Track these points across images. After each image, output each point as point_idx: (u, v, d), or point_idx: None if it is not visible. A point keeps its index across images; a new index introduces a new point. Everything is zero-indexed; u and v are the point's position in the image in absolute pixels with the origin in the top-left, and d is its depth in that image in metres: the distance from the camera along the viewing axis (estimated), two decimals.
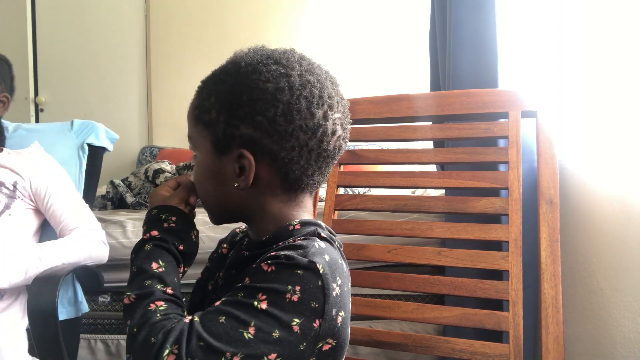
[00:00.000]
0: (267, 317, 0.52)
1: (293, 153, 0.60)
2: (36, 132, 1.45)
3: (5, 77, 1.26)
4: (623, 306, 1.03)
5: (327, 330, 0.55)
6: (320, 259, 0.55)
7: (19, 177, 1.19)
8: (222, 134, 0.60)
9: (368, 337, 1.07)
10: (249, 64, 0.61)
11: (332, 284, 0.55)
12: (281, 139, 0.59)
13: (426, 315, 1.04)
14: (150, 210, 0.67)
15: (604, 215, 1.10)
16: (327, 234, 0.64)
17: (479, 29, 1.34)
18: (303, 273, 0.54)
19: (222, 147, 0.61)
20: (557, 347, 0.93)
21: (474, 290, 1.02)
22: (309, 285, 0.53)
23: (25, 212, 1.19)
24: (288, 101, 0.58)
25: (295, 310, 0.53)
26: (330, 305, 0.55)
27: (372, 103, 1.20)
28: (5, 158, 1.21)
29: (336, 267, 0.58)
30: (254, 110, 0.58)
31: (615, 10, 1.10)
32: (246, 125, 0.59)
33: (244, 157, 0.60)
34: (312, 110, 0.60)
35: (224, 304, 0.54)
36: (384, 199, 1.15)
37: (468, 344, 0.99)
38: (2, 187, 1.16)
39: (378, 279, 1.10)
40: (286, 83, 0.59)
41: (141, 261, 0.60)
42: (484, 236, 1.04)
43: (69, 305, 1.24)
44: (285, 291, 0.53)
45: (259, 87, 0.59)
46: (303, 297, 0.53)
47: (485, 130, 1.10)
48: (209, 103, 0.62)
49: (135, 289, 0.58)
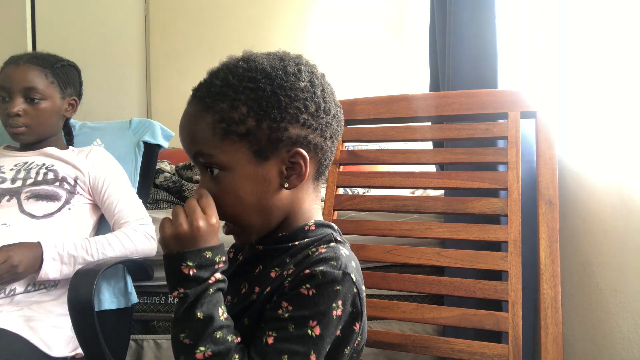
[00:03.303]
0: (322, 340, 0.56)
1: (329, 142, 0.64)
2: (98, 130, 1.54)
3: (75, 82, 1.37)
4: (622, 306, 1.03)
5: (361, 329, 0.61)
6: (351, 268, 0.59)
7: (80, 173, 1.27)
8: (267, 140, 0.60)
9: (367, 337, 1.06)
10: (275, 67, 0.61)
11: (363, 287, 0.60)
12: (323, 131, 0.63)
13: (425, 316, 1.04)
14: (200, 250, 0.58)
15: (604, 216, 1.10)
16: (339, 235, 0.67)
17: (479, 29, 1.34)
18: (341, 287, 0.57)
19: (268, 153, 0.60)
20: (556, 348, 0.93)
21: (473, 290, 1.02)
22: (348, 296, 0.57)
23: (83, 207, 1.26)
24: (321, 94, 0.63)
25: (341, 320, 0.57)
26: (364, 307, 0.60)
27: (371, 103, 1.20)
28: (69, 155, 1.31)
29: (360, 270, 0.62)
30: (298, 110, 0.60)
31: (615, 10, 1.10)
32: (294, 125, 0.60)
33: (298, 154, 0.61)
34: (334, 99, 0.66)
35: (280, 342, 0.55)
36: (383, 199, 1.15)
37: (467, 345, 0.99)
38: (65, 182, 1.24)
39: (377, 279, 1.09)
40: (314, 78, 0.63)
41: (209, 308, 0.56)
42: (484, 237, 1.04)
43: (120, 296, 1.30)
44: (331, 309, 0.56)
45: (295, 86, 0.60)
46: (345, 308, 0.57)
47: (484, 131, 1.10)
48: (238, 114, 0.59)
49: (209, 343, 0.55)
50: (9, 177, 1.21)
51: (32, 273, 1.08)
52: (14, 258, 1.03)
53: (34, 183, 1.20)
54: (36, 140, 1.29)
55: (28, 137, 1.27)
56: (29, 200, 1.17)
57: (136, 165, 1.47)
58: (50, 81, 1.27)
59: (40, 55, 1.32)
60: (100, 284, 1.28)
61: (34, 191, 1.18)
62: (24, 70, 1.24)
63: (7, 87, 1.22)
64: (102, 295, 1.26)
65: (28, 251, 1.06)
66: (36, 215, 1.16)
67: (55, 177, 1.23)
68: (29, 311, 1.07)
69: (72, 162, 1.28)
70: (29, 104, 1.24)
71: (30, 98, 1.23)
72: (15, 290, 1.09)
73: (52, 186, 1.20)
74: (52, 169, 1.25)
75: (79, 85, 1.40)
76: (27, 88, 1.23)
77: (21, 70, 1.24)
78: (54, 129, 1.33)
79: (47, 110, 1.27)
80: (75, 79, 1.38)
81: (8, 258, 1.02)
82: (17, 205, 1.16)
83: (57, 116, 1.31)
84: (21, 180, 1.20)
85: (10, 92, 1.22)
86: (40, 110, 1.25)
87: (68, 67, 1.35)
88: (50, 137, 1.33)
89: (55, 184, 1.22)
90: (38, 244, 1.08)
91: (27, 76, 1.23)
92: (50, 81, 1.27)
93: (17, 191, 1.18)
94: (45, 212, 1.17)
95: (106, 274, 1.27)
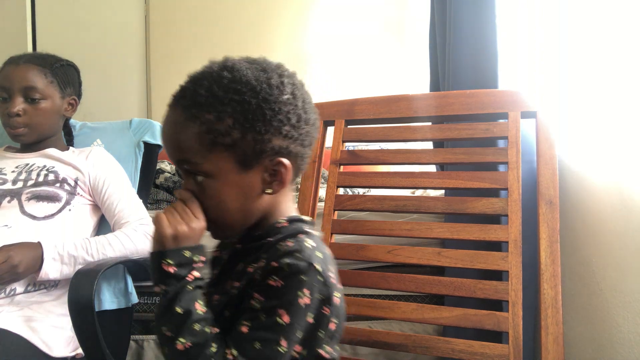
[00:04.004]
0: (291, 327, 0.60)
1: (307, 149, 0.68)
2: (98, 130, 1.54)
3: (75, 82, 1.37)
4: (623, 306, 1.03)
5: (332, 313, 0.64)
6: (316, 259, 0.62)
7: (80, 173, 1.27)
8: (252, 150, 0.63)
9: (368, 337, 1.07)
10: (259, 80, 0.63)
11: (329, 274, 0.64)
12: (303, 140, 0.66)
13: (426, 316, 1.04)
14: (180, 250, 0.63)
15: (604, 216, 1.10)
16: (310, 227, 0.70)
17: (479, 29, 1.34)
18: (306, 277, 0.61)
19: (252, 162, 0.64)
20: (557, 348, 0.93)
21: (474, 290, 1.02)
22: (314, 285, 0.61)
23: (84, 207, 1.26)
24: (302, 105, 0.66)
25: (309, 308, 0.61)
26: (331, 292, 0.63)
27: (372, 103, 1.20)
28: (70, 156, 1.31)
29: (328, 259, 0.66)
30: (281, 122, 0.63)
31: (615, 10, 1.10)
32: (277, 137, 0.64)
33: (281, 164, 0.64)
34: (313, 107, 0.68)
35: (253, 330, 0.60)
36: (383, 199, 1.15)
37: (468, 345, 0.99)
38: (65, 183, 1.24)
39: (378, 279, 1.09)
40: (296, 90, 0.66)
41: (187, 303, 0.61)
42: (484, 237, 1.04)
43: (120, 296, 1.30)
44: (297, 298, 0.60)
45: (279, 100, 0.63)
46: (313, 297, 0.61)
47: (485, 131, 1.10)
48: (224, 126, 0.61)
49: (188, 335, 0.60)
50: (10, 178, 1.21)
51: (33, 273, 1.08)
52: (14, 258, 1.03)
53: (34, 184, 1.20)
54: (36, 140, 1.29)
55: (28, 137, 1.27)
56: (29, 201, 1.17)
57: (136, 165, 1.47)
58: (49, 81, 1.27)
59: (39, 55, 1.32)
60: (101, 284, 1.28)
61: (34, 192, 1.18)
62: (23, 69, 1.24)
63: (7, 86, 1.23)
64: (103, 296, 1.26)
65: (28, 251, 1.06)
66: (37, 217, 1.16)
67: (56, 178, 1.23)
68: (29, 311, 1.07)
69: (72, 163, 1.28)
70: (29, 104, 1.24)
71: (30, 98, 1.23)
72: (15, 290, 1.09)
73: (52, 187, 1.21)
74: (52, 170, 1.25)
75: (79, 85, 1.40)
76: (27, 87, 1.23)
77: (21, 69, 1.24)
78: (53, 129, 1.33)
79: (47, 110, 1.27)
80: (75, 79, 1.38)
81: (8, 258, 1.02)
82: (18, 206, 1.16)
83: (57, 116, 1.31)
84: (22, 181, 1.21)
85: (10, 91, 1.22)
86: (40, 110, 1.25)
87: (67, 66, 1.35)
88: (51, 138, 1.33)
89: (56, 185, 1.22)
90: (38, 244, 1.08)
91: (27, 76, 1.23)
92: (50, 81, 1.27)
93: (17, 192, 1.18)
94: (46, 214, 1.17)
95: (106, 274, 1.27)
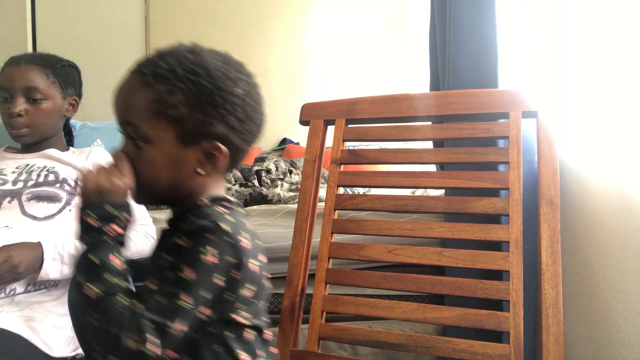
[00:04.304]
0: (195, 283, 0.61)
1: (246, 145, 0.72)
2: (99, 130, 1.55)
3: (76, 83, 1.38)
4: (623, 306, 1.03)
5: (246, 278, 0.65)
6: (225, 221, 0.64)
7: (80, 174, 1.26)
8: (194, 129, 0.66)
9: (368, 337, 1.06)
10: (218, 69, 0.67)
11: (240, 237, 0.64)
12: (244, 135, 0.70)
13: (426, 316, 1.04)
14: (102, 203, 0.67)
15: (604, 216, 1.10)
16: (234, 206, 0.71)
17: (479, 29, 1.34)
18: (212, 236, 0.62)
19: (191, 140, 0.67)
20: (558, 348, 0.93)
21: (475, 290, 1.02)
22: (221, 244, 0.62)
23: None
24: (253, 104, 0.69)
25: (217, 269, 0.62)
26: (243, 256, 0.64)
27: (372, 103, 1.19)
28: (70, 156, 1.31)
29: (240, 225, 0.66)
30: (228, 112, 0.67)
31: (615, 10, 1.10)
32: (221, 124, 0.67)
33: (219, 149, 0.67)
34: (260, 111, 0.72)
35: (160, 286, 0.62)
36: (384, 199, 1.15)
37: (468, 345, 0.99)
38: (65, 184, 1.23)
39: (378, 279, 1.09)
40: (250, 88, 0.70)
41: (103, 254, 0.64)
42: (485, 236, 1.04)
43: None
44: (201, 255, 0.61)
45: (231, 91, 0.67)
46: (221, 257, 0.62)
47: (485, 131, 1.10)
48: (174, 99, 0.65)
49: (99, 283, 0.61)
50: (11, 179, 1.21)
51: (33, 273, 1.08)
52: (14, 258, 1.03)
53: (35, 185, 1.20)
54: (37, 140, 1.29)
55: (30, 138, 1.27)
56: (30, 201, 1.17)
57: None
58: (51, 81, 1.27)
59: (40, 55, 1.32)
60: None
61: (34, 192, 1.18)
62: (25, 70, 1.24)
63: (8, 87, 1.23)
64: None
65: (28, 251, 1.06)
66: (38, 217, 1.16)
67: (56, 178, 1.23)
68: (30, 311, 1.07)
69: (72, 163, 1.28)
70: (30, 104, 1.24)
71: (32, 98, 1.24)
72: (15, 290, 1.09)
73: (52, 187, 1.21)
74: (52, 170, 1.25)
75: (80, 86, 1.41)
76: (29, 88, 1.23)
77: (22, 70, 1.24)
78: (54, 129, 1.33)
79: (49, 110, 1.27)
80: (76, 79, 1.38)
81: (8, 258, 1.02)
82: (19, 207, 1.16)
83: (58, 116, 1.31)
84: (22, 182, 1.21)
85: (12, 92, 1.23)
86: (41, 110, 1.25)
87: (68, 67, 1.35)
88: (51, 138, 1.33)
89: (56, 186, 1.22)
90: (38, 244, 1.08)
91: (29, 76, 1.24)
92: (52, 81, 1.27)
93: (18, 192, 1.18)
94: (47, 214, 1.17)
95: None
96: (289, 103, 2.99)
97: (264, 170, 2.20)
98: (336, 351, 1.35)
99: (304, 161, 1.22)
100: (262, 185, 2.10)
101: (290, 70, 3.21)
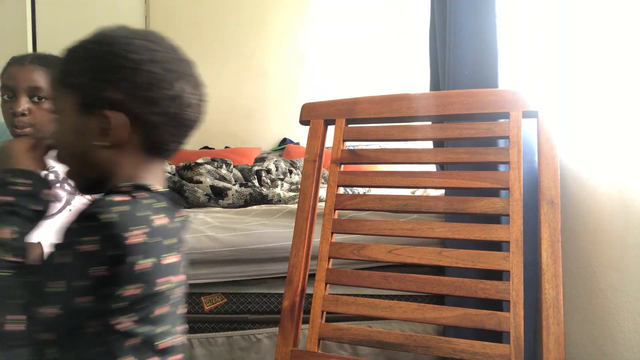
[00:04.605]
0: (68, 267, 0.59)
1: (153, 117, 0.67)
2: None
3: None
4: (623, 306, 1.03)
5: (130, 275, 0.60)
6: (108, 211, 0.60)
7: None
8: (90, 95, 0.67)
9: (368, 337, 1.06)
10: (119, 37, 0.67)
11: (128, 233, 0.59)
12: (144, 104, 0.66)
13: (427, 316, 1.04)
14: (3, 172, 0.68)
15: (605, 216, 1.10)
16: (152, 195, 0.68)
17: (479, 29, 1.34)
18: (92, 223, 0.59)
19: (88, 107, 0.67)
20: (558, 348, 0.93)
21: (475, 290, 1.02)
22: (101, 235, 0.59)
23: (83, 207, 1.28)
24: (149, 70, 0.66)
25: (94, 258, 0.59)
26: (129, 251, 0.59)
27: (372, 102, 1.19)
28: None
29: (136, 219, 0.61)
30: (121, 76, 0.66)
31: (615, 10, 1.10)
32: (113, 89, 0.66)
33: (108, 117, 0.66)
34: (171, 82, 0.68)
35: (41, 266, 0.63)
36: (384, 198, 1.15)
37: (469, 345, 0.99)
38: (65, 183, 1.25)
39: (378, 279, 1.09)
40: (150, 55, 0.67)
41: None
42: (485, 236, 1.04)
43: None
44: (75, 242, 0.59)
45: (127, 56, 0.66)
46: (102, 246, 0.59)
47: (486, 131, 1.10)
48: (78, 67, 0.67)
49: None
50: None
51: None
52: None
53: None
54: None
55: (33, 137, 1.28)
56: None
57: None
58: None
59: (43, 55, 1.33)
60: None
61: None
62: (29, 70, 1.25)
63: (12, 86, 1.24)
64: None
65: None
66: None
67: (56, 178, 1.24)
68: None
69: None
70: (34, 104, 1.25)
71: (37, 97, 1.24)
72: None
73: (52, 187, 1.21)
74: (52, 170, 1.25)
75: None
76: (33, 87, 1.24)
77: (26, 70, 1.25)
78: None
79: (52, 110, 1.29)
80: None
81: None
82: None
83: None
84: None
85: (15, 91, 1.24)
86: (45, 110, 1.26)
87: None
88: None
89: (56, 186, 1.23)
90: (38, 244, 1.08)
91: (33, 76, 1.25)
92: None
93: None
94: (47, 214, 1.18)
95: None
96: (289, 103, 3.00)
97: (264, 170, 2.20)
98: (336, 351, 1.35)
99: (304, 161, 1.22)
100: (262, 185, 2.10)
101: (290, 70, 3.21)
